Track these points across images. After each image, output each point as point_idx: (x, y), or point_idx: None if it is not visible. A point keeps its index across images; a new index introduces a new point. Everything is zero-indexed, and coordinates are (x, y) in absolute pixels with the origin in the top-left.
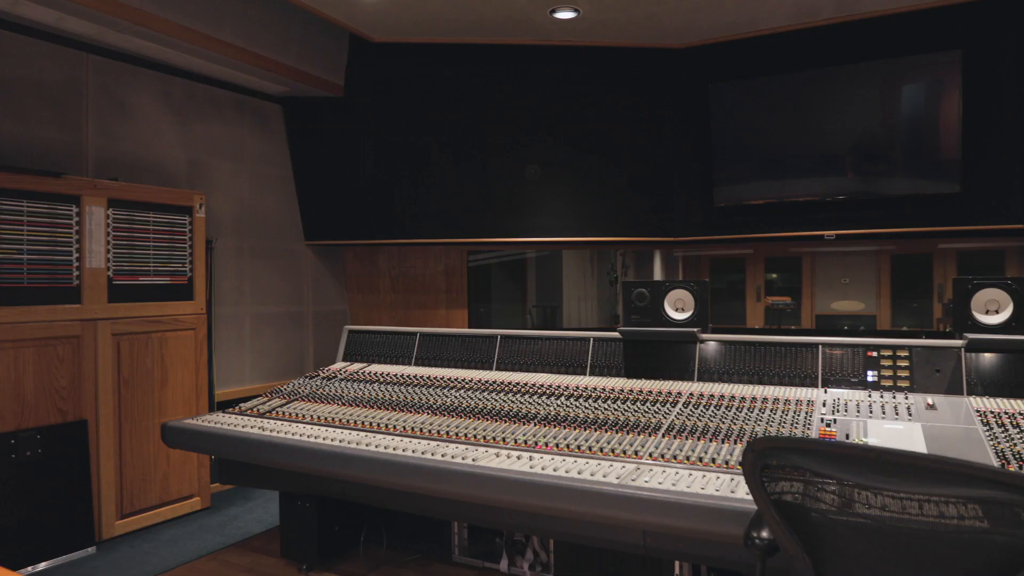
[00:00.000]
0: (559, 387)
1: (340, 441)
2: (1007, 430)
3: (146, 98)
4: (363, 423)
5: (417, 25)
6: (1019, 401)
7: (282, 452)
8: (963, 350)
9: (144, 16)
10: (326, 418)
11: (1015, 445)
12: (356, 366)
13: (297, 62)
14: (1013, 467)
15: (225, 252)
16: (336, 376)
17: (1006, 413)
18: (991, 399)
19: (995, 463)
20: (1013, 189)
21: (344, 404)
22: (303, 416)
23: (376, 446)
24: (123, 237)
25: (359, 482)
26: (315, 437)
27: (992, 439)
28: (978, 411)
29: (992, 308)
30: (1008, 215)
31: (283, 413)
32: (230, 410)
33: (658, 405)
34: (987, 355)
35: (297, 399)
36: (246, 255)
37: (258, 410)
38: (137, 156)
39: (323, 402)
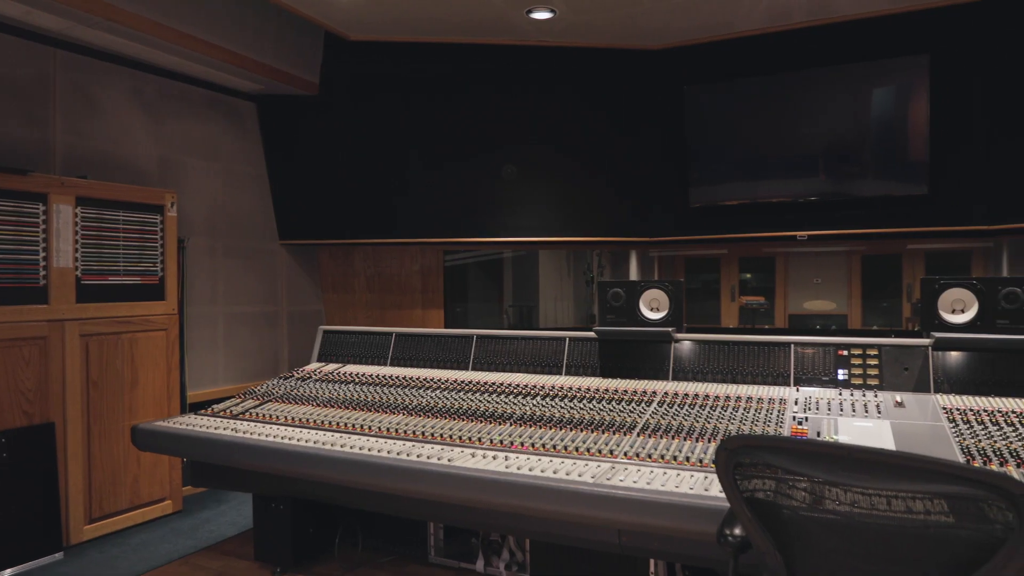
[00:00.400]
0: (535, 387)
1: (315, 442)
2: (972, 427)
3: (117, 95)
4: (338, 424)
5: (393, 24)
6: (984, 398)
7: (256, 454)
8: (930, 349)
9: (115, 11)
10: (301, 419)
11: (980, 441)
12: (331, 366)
13: (272, 60)
14: (978, 463)
15: (198, 251)
16: (311, 377)
17: (971, 410)
18: (957, 396)
19: (961, 459)
20: (978, 191)
21: (319, 405)
22: (277, 417)
23: (351, 447)
24: (92, 236)
25: (334, 483)
26: (289, 438)
27: (958, 436)
28: (944, 408)
29: (958, 308)
30: (973, 217)
31: (257, 414)
32: (203, 412)
33: (633, 404)
34: (953, 353)
35: (271, 400)
36: (219, 255)
37: (231, 411)
38: (107, 154)
39: (298, 403)
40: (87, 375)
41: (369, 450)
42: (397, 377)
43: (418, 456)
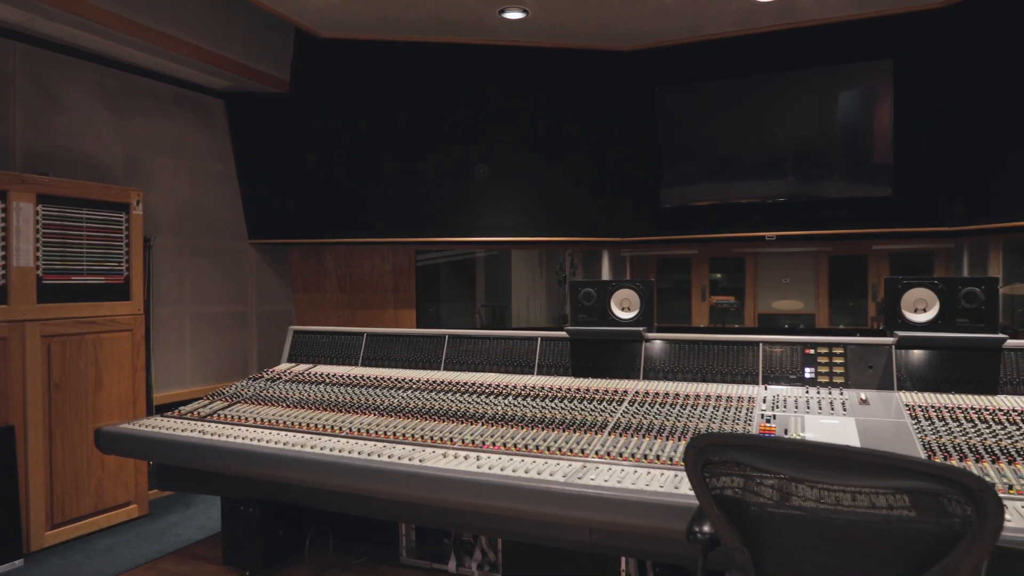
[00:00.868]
0: (507, 387)
1: (285, 444)
2: (933, 423)
3: (80, 90)
4: (308, 425)
5: (365, 22)
6: (945, 395)
7: (224, 456)
8: (894, 347)
9: (77, 4)
10: (270, 420)
11: (941, 437)
12: (301, 367)
13: (241, 56)
14: (939, 458)
15: (165, 251)
16: (281, 377)
17: (932, 407)
18: (919, 394)
19: (922, 455)
20: (940, 193)
21: (289, 406)
22: (246, 419)
23: (321, 448)
24: (54, 235)
25: (304, 485)
26: (259, 440)
27: (920, 432)
28: (907, 405)
29: (920, 307)
30: (935, 218)
31: (225, 416)
32: (169, 414)
33: (604, 404)
34: (916, 352)
35: (240, 401)
36: (187, 254)
37: (199, 413)
38: (70, 150)
39: (267, 404)
40: (49, 377)
41: (340, 451)
42: (368, 377)
43: (389, 457)
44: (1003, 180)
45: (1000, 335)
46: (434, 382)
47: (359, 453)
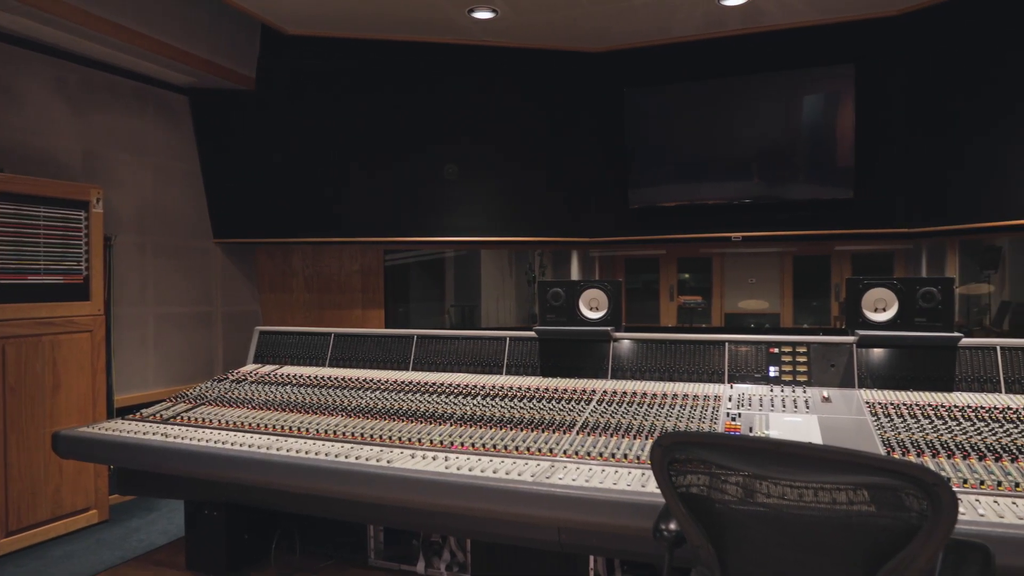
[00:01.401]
0: (475, 387)
1: (250, 446)
2: (892, 420)
3: (37, 85)
4: (274, 427)
5: (333, 19)
6: (904, 393)
7: (187, 459)
8: (855, 346)
9: None
10: (235, 422)
11: (900, 434)
12: (268, 368)
13: (205, 52)
14: (897, 454)
15: (126, 250)
16: (246, 379)
17: (892, 404)
18: (879, 391)
19: (882, 451)
20: (899, 196)
21: (255, 407)
22: (210, 421)
23: (288, 450)
24: (9, 233)
25: (270, 488)
26: (223, 442)
27: (879, 429)
28: (868, 403)
29: (880, 306)
30: (895, 220)
31: (188, 418)
32: (131, 416)
33: (573, 403)
34: (876, 350)
35: (204, 403)
36: (149, 253)
37: (161, 416)
38: (26, 146)
39: (232, 406)
40: (3, 380)
41: (307, 453)
42: (336, 378)
43: (357, 458)
44: (958, 183)
45: (956, 334)
46: (402, 382)
47: (326, 455)
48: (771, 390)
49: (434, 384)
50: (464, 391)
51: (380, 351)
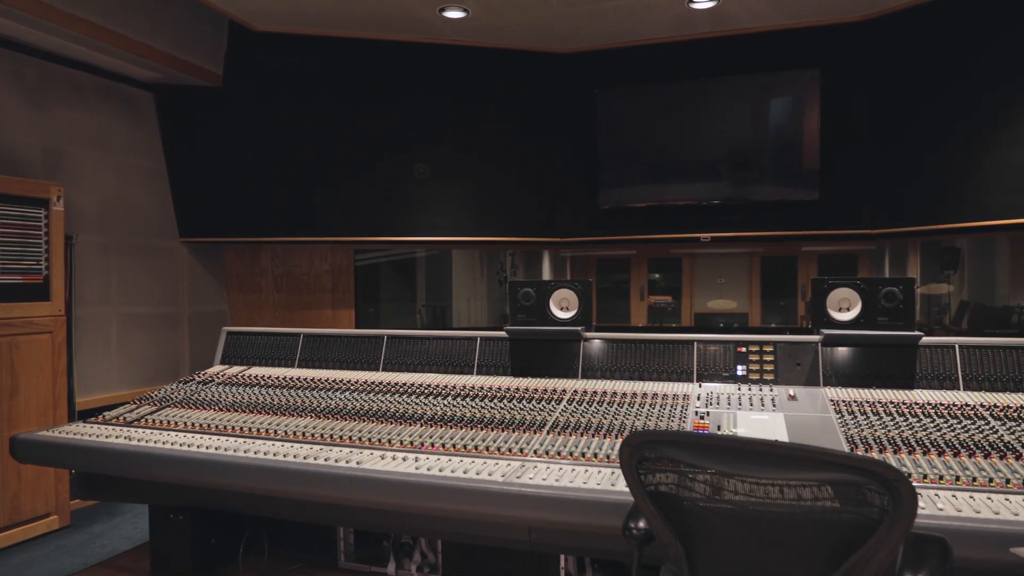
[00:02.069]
0: (446, 387)
1: (217, 448)
2: (856, 417)
3: None
4: (242, 429)
5: (301, 16)
6: (867, 390)
7: (152, 462)
8: (820, 345)
9: None
10: (202, 424)
11: (863, 431)
12: (235, 369)
13: (170, 47)
14: (860, 451)
15: (89, 249)
16: (213, 380)
17: (855, 401)
18: (843, 389)
19: (845, 448)
20: (863, 198)
21: (221, 409)
22: (176, 423)
23: (256, 452)
24: None
25: (237, 490)
26: (189, 445)
27: (843, 426)
28: (832, 401)
29: (844, 306)
30: (858, 221)
31: (153, 421)
32: (93, 419)
33: (543, 403)
34: (840, 349)
35: (170, 405)
36: (113, 252)
37: (124, 418)
38: None
39: (198, 408)
40: None
41: (275, 455)
42: (305, 379)
43: (326, 460)
44: (918, 186)
45: (916, 333)
46: (372, 383)
47: (295, 456)
48: (739, 389)
49: (404, 384)
50: (434, 391)
51: (350, 352)
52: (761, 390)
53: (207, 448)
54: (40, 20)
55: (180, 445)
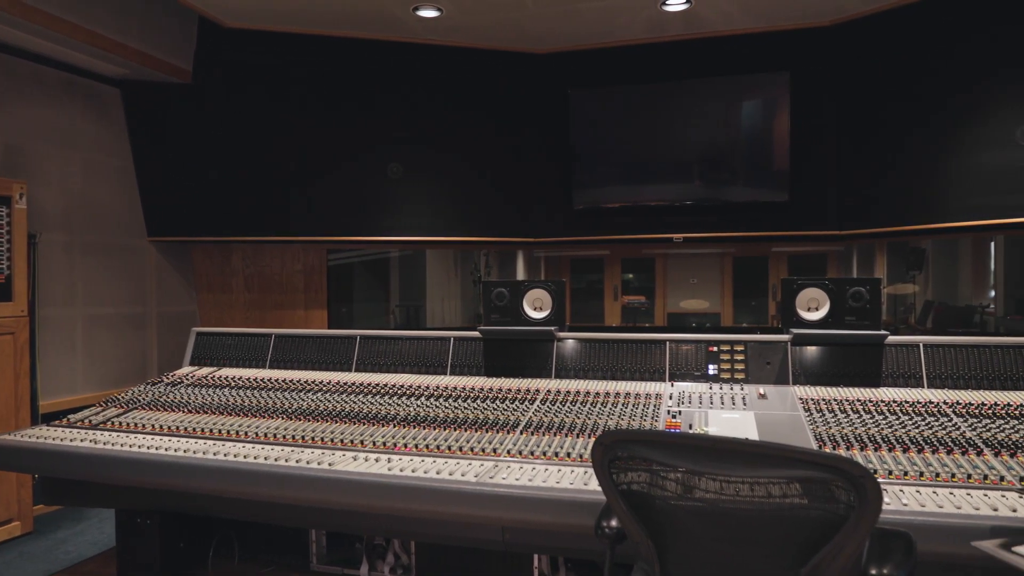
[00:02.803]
0: (419, 387)
1: (185, 451)
2: (824, 415)
3: None
4: (211, 431)
5: (273, 13)
6: (835, 388)
7: (118, 466)
8: (789, 344)
9: None
10: (170, 427)
11: (831, 428)
12: (205, 370)
13: (138, 43)
14: (828, 448)
15: (53, 248)
16: (182, 382)
17: (824, 400)
18: (812, 387)
19: (814, 445)
20: (832, 200)
21: (190, 411)
22: (143, 426)
23: (225, 455)
24: None
25: (207, 493)
26: (157, 448)
27: (812, 424)
28: (801, 399)
29: (813, 306)
30: (827, 222)
31: (120, 423)
32: (57, 422)
33: (517, 403)
34: (809, 348)
35: (137, 408)
36: (78, 251)
37: (90, 421)
38: None
39: (167, 410)
40: None
41: (245, 457)
42: (276, 380)
43: (297, 461)
44: (883, 188)
45: (882, 332)
46: (345, 384)
47: (265, 458)
48: (710, 388)
49: (377, 385)
50: (408, 392)
51: (322, 352)
52: (732, 389)
53: (176, 451)
54: (4, 14)
55: (148, 448)
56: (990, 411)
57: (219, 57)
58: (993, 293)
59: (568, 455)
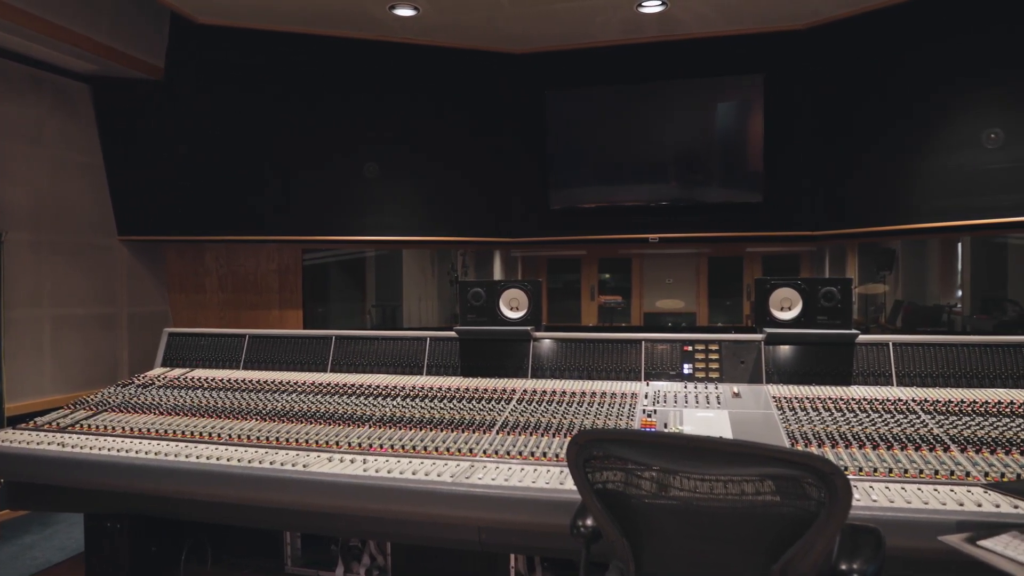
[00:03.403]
0: (395, 388)
1: (156, 454)
2: (796, 413)
3: None
4: (184, 433)
5: (246, 9)
6: (807, 387)
7: (87, 469)
8: (763, 343)
9: None
10: (141, 429)
11: (803, 426)
12: (177, 372)
13: (108, 38)
14: (800, 446)
15: (18, 247)
16: (154, 383)
17: (796, 398)
18: (785, 386)
19: (787, 443)
20: (804, 201)
21: (162, 413)
22: (113, 428)
23: (198, 457)
24: None
25: (179, 497)
26: (127, 451)
27: (785, 422)
28: (774, 397)
29: (786, 305)
30: (800, 223)
31: (89, 426)
32: (23, 426)
33: (493, 403)
34: (783, 347)
35: (107, 410)
36: (45, 251)
37: (58, 424)
38: None
39: (138, 412)
40: None
41: (218, 459)
42: (250, 381)
43: (271, 463)
44: (855, 189)
45: (853, 331)
46: (320, 384)
47: (239, 460)
48: (685, 387)
49: (353, 386)
50: (383, 392)
51: (297, 353)
52: (707, 388)
53: (147, 453)
54: None
55: (118, 451)
56: (957, 408)
57: (192, 54)
58: (960, 293)
59: (544, 455)
